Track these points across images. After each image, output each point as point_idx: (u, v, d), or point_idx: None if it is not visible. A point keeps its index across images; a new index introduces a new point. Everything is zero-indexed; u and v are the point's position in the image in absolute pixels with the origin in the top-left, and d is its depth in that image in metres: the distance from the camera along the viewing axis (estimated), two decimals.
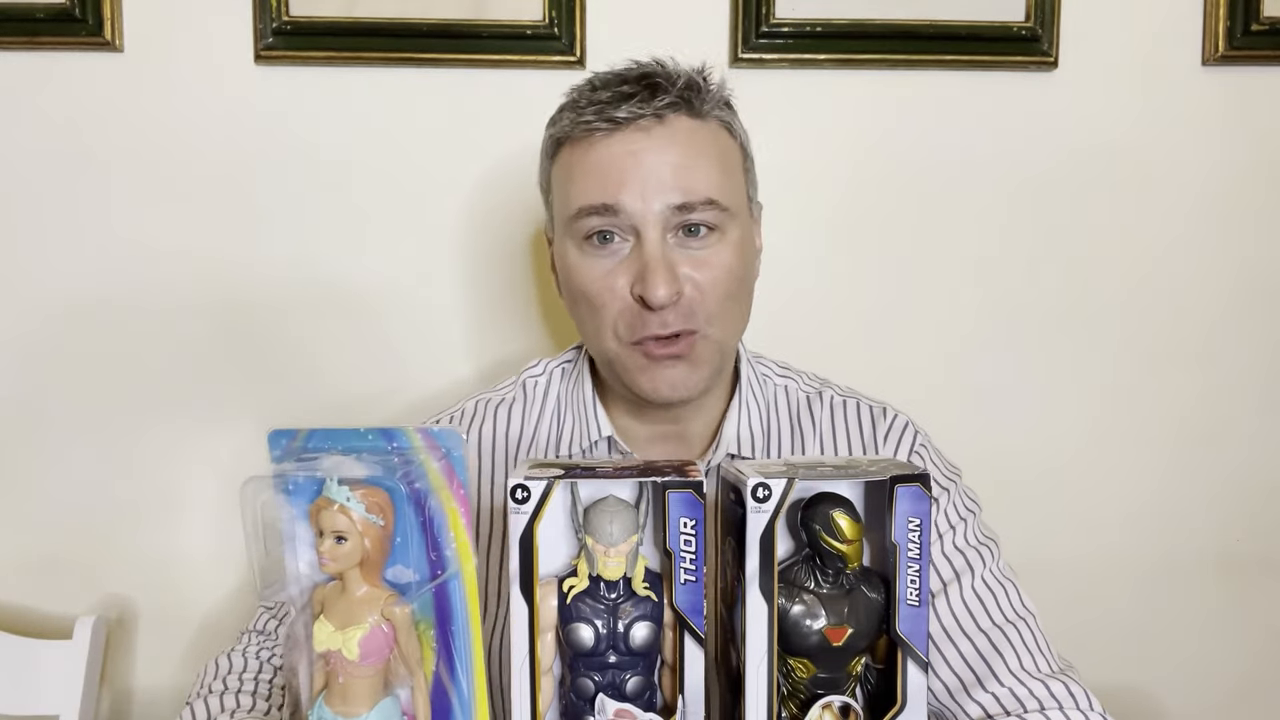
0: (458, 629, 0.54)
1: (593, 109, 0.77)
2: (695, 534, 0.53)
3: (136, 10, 1.16)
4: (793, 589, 0.57)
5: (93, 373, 1.19)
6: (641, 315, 0.77)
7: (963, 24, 1.18)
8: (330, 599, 0.55)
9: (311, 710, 0.55)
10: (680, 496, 0.53)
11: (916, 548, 0.56)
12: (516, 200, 1.19)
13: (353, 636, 0.53)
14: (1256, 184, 1.22)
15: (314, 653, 0.55)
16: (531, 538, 0.53)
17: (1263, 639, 1.27)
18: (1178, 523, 1.25)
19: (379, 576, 0.55)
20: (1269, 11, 1.18)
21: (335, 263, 1.19)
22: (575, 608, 0.56)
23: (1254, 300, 1.24)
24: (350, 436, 0.55)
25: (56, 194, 1.17)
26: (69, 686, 1.09)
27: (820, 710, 0.57)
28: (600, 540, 0.55)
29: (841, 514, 0.56)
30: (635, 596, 0.55)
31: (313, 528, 0.54)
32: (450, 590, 0.54)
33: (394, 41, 1.16)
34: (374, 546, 0.54)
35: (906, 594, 0.56)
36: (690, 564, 0.54)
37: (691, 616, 0.54)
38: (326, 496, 0.53)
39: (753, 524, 0.54)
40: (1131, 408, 1.24)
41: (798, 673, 0.58)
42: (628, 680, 0.55)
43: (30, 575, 1.20)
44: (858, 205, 1.21)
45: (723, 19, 1.18)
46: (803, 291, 1.21)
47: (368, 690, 0.54)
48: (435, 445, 0.54)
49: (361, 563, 0.54)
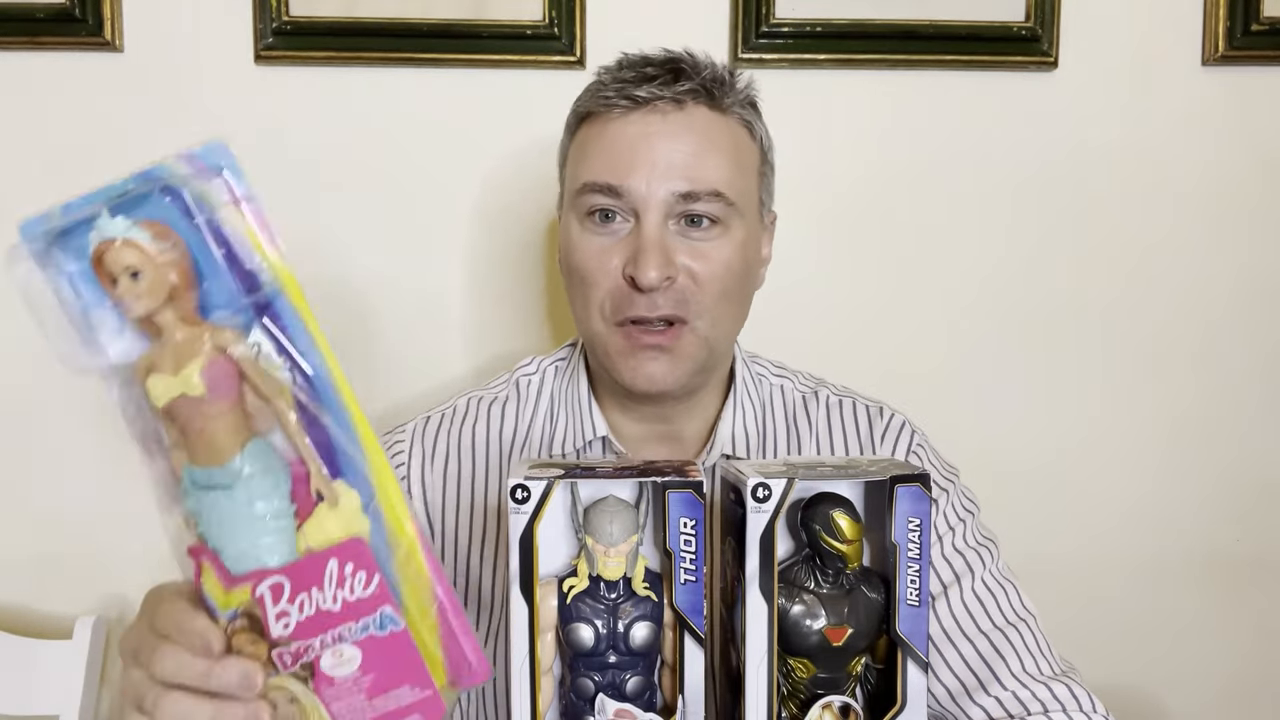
0: (304, 348, 0.49)
1: (615, 86, 0.78)
2: (695, 534, 0.54)
3: (136, 10, 1.16)
4: (793, 589, 0.58)
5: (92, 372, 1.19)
6: (630, 296, 0.77)
7: (963, 24, 1.18)
8: (153, 358, 0.48)
9: (182, 479, 0.49)
10: (680, 496, 0.53)
11: (916, 548, 0.56)
12: (517, 200, 1.19)
13: (191, 372, 0.46)
14: (1256, 184, 1.22)
15: (160, 421, 0.48)
16: (531, 538, 0.53)
17: (1259, 638, 1.27)
18: (1176, 522, 1.25)
19: (194, 313, 0.48)
20: (1269, 11, 1.18)
21: (334, 262, 1.19)
22: (575, 608, 0.55)
23: (1253, 300, 1.24)
24: (106, 192, 0.48)
25: (57, 194, 1.16)
26: (69, 686, 1.08)
27: (820, 710, 0.57)
28: (600, 540, 0.54)
29: (842, 514, 0.56)
30: (635, 596, 0.55)
31: (101, 279, 0.47)
32: (279, 310, 0.49)
33: (394, 41, 1.16)
34: (178, 277, 0.47)
35: (907, 594, 0.56)
36: (690, 564, 0.54)
37: (692, 616, 0.54)
38: (103, 236, 0.46)
39: (753, 524, 0.54)
40: (1130, 407, 1.24)
41: (798, 673, 0.58)
42: (628, 680, 0.55)
43: (30, 575, 1.20)
44: (857, 205, 1.21)
45: (723, 19, 1.18)
46: (801, 291, 1.21)
47: (229, 430, 0.47)
48: (205, 167, 0.48)
49: (171, 300, 0.47)
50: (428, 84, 1.18)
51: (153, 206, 0.47)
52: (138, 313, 0.47)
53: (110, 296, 0.47)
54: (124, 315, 0.47)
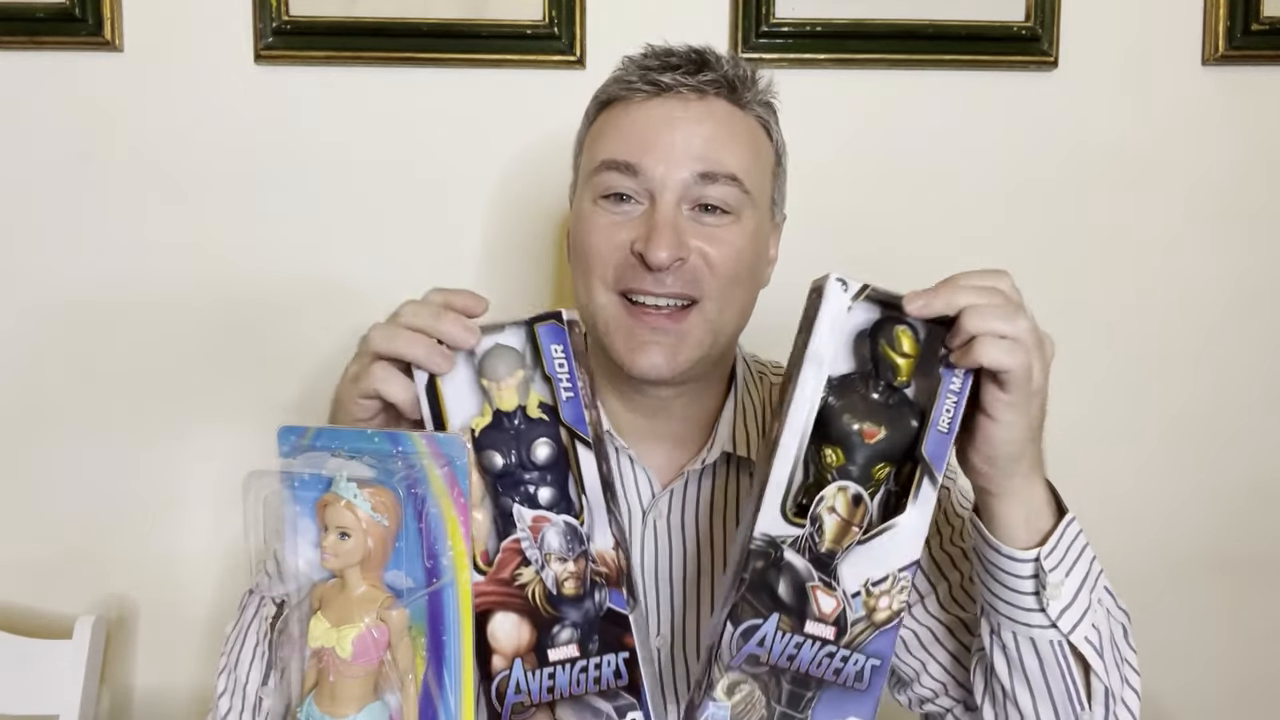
0: (449, 639, 0.55)
1: (638, 72, 0.79)
2: (565, 356, 0.61)
3: (136, 10, 1.16)
4: (845, 390, 0.63)
5: (93, 372, 1.19)
6: (636, 269, 0.76)
7: (963, 24, 1.18)
8: (329, 596, 0.55)
9: (301, 707, 0.55)
10: (546, 328, 0.61)
11: (959, 382, 0.61)
12: (518, 199, 1.20)
13: (347, 635, 0.53)
14: (1256, 184, 1.22)
15: (307, 650, 0.55)
16: (435, 388, 0.61)
17: (1261, 639, 1.27)
18: (1176, 522, 1.25)
19: (379, 577, 0.55)
20: (1269, 11, 1.18)
21: (334, 262, 1.19)
22: (483, 439, 0.62)
23: (1253, 300, 1.24)
24: (356, 437, 0.56)
25: (56, 194, 1.17)
26: (69, 686, 1.08)
27: (836, 490, 0.61)
28: (491, 378, 0.61)
29: (906, 331, 0.61)
30: (531, 421, 0.62)
31: (318, 523, 0.54)
32: (444, 599, 0.55)
33: (394, 41, 1.16)
34: (376, 546, 0.54)
35: (939, 420, 0.61)
36: (567, 384, 0.61)
37: (577, 426, 0.61)
38: (335, 492, 0.54)
39: (826, 309, 0.61)
40: (1130, 407, 1.24)
41: (828, 458, 0.62)
42: (538, 492, 0.62)
43: (30, 575, 1.20)
44: (857, 205, 1.21)
45: (723, 18, 1.18)
46: (800, 291, 1.20)
47: (357, 692, 0.54)
48: (439, 452, 0.55)
49: (363, 561, 0.54)
50: (428, 84, 1.18)
51: (387, 473, 0.55)
52: (332, 567, 0.55)
53: (320, 542, 0.55)
54: (320, 561, 0.55)
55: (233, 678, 0.76)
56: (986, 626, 0.70)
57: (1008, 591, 0.67)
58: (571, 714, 0.61)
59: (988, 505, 0.67)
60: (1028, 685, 0.68)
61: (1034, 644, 0.67)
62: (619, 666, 0.61)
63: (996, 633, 0.69)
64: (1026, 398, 0.62)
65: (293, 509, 0.55)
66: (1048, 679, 0.68)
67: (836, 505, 0.60)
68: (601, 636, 0.61)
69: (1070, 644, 0.66)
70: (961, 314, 0.60)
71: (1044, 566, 0.65)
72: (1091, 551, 0.69)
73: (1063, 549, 0.66)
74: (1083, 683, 0.68)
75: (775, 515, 0.60)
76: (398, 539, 0.55)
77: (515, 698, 0.60)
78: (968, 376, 0.61)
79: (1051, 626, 0.66)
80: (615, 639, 0.61)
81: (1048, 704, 0.68)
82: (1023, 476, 0.65)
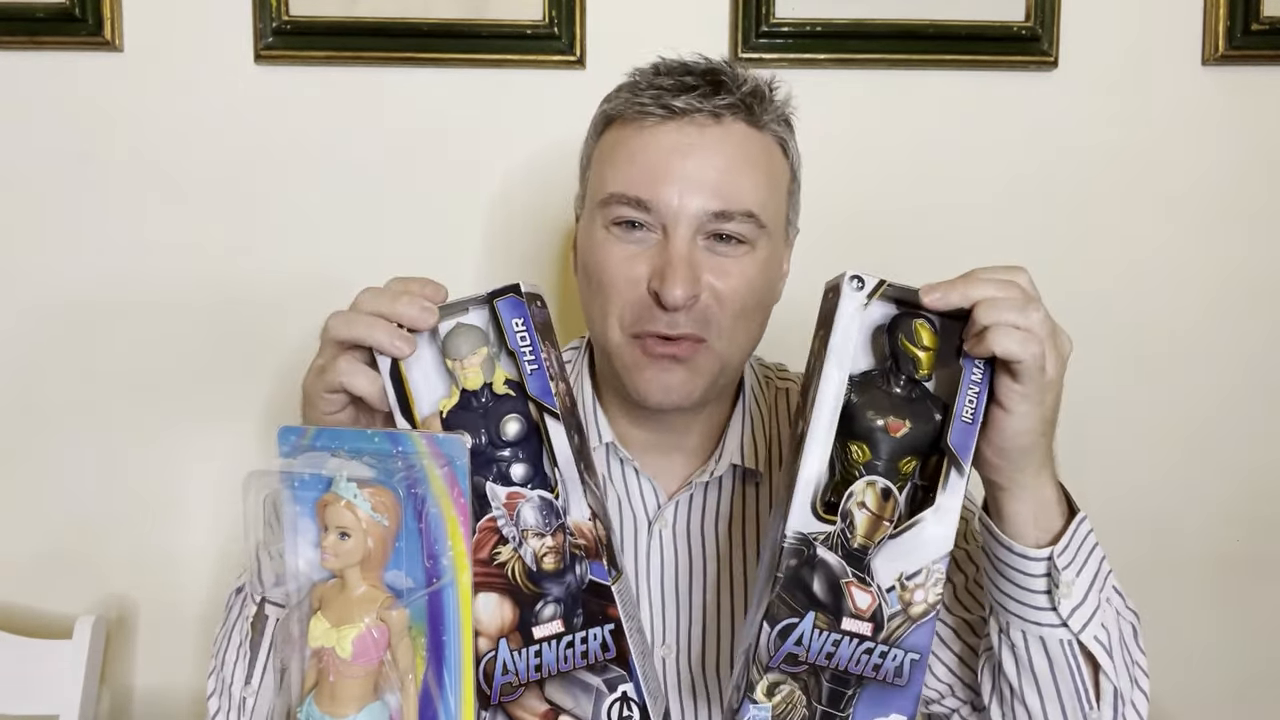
0: (449, 639, 0.55)
1: (651, 92, 0.75)
2: (526, 329, 0.61)
3: (136, 10, 1.16)
4: (867, 386, 0.63)
5: (93, 372, 1.19)
6: (651, 310, 0.74)
7: (963, 24, 1.18)
8: (328, 596, 0.55)
9: (300, 707, 0.55)
10: (506, 302, 0.61)
11: (980, 373, 0.61)
12: (518, 200, 1.20)
13: (347, 635, 0.53)
14: (1256, 184, 1.22)
15: (307, 650, 0.55)
16: (399, 372, 0.61)
17: (1260, 639, 1.27)
18: (1176, 522, 1.25)
19: (379, 577, 0.55)
20: (1269, 11, 1.18)
21: (334, 262, 1.19)
22: (452, 420, 0.62)
23: (1253, 300, 1.23)
24: (357, 438, 0.56)
25: (56, 194, 1.17)
26: (69, 686, 1.08)
27: (865, 485, 0.61)
28: (454, 357, 0.61)
29: (924, 324, 0.62)
30: (498, 398, 0.62)
31: (318, 523, 0.54)
32: (444, 599, 0.55)
33: (394, 41, 1.16)
34: (376, 546, 0.54)
35: (963, 411, 0.61)
36: (531, 356, 0.61)
37: (543, 398, 0.61)
38: (335, 492, 0.54)
39: (844, 306, 0.62)
40: (1129, 407, 1.24)
41: (855, 454, 0.62)
42: (511, 468, 0.62)
43: (30, 575, 1.20)
44: (856, 204, 1.21)
45: (723, 18, 1.18)
46: (800, 291, 1.20)
47: (357, 692, 0.54)
48: (439, 452, 0.55)
49: (363, 561, 0.54)
50: (428, 84, 1.18)
51: (387, 473, 0.55)
52: (332, 567, 0.55)
53: (320, 542, 0.54)
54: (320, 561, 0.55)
55: (220, 678, 0.76)
56: (995, 626, 0.70)
57: (1019, 590, 0.67)
58: (561, 691, 0.61)
59: (997, 501, 0.67)
60: (1036, 685, 0.68)
61: (1043, 643, 0.67)
62: (605, 639, 0.61)
63: (1005, 632, 0.69)
64: (1040, 389, 0.62)
65: (293, 509, 0.55)
66: (1056, 679, 0.68)
67: (866, 500, 0.60)
68: (585, 609, 0.61)
69: (1080, 643, 0.66)
70: (976, 306, 0.60)
71: (1057, 566, 0.65)
72: (1101, 551, 0.69)
73: (1074, 548, 0.66)
74: (1091, 683, 0.68)
75: (806, 512, 0.60)
76: (398, 539, 0.55)
77: (503, 678, 0.60)
78: (988, 367, 0.61)
79: (1062, 625, 0.66)
80: (599, 610, 0.61)
81: (1056, 704, 0.68)
82: (1033, 471, 0.65)
